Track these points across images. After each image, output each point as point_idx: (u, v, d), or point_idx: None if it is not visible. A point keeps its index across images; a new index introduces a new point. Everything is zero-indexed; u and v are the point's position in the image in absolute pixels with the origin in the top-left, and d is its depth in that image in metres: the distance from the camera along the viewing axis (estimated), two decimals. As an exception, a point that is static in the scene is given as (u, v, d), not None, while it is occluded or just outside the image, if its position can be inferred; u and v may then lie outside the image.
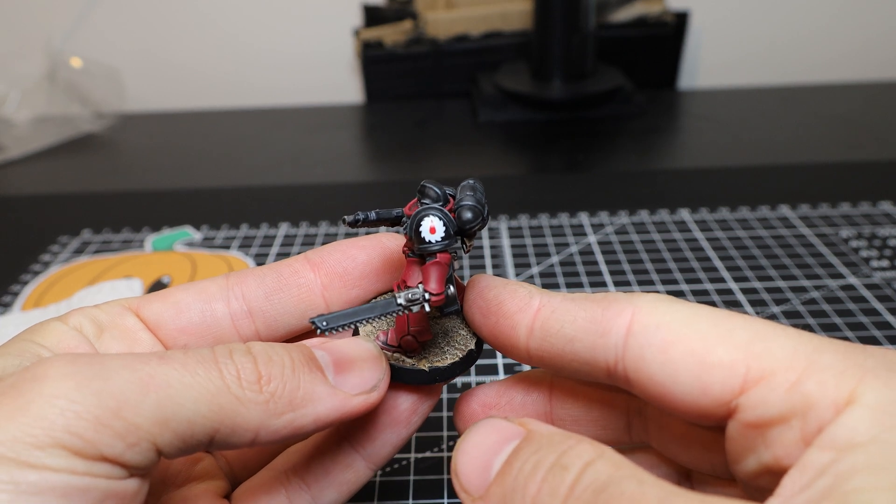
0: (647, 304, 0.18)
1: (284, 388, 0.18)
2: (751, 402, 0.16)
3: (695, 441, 0.20)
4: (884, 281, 0.43)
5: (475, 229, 0.19)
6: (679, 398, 0.17)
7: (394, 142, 0.73)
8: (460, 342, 0.22)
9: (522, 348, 0.20)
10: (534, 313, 0.19)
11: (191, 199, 0.60)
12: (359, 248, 0.23)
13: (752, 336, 0.16)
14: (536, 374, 0.23)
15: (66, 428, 0.15)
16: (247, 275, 0.23)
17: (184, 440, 0.16)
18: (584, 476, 0.16)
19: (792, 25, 0.87)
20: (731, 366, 0.16)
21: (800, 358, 0.16)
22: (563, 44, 0.73)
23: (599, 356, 0.18)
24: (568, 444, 0.17)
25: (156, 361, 0.17)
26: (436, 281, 0.19)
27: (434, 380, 0.22)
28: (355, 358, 0.20)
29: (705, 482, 0.21)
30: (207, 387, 0.17)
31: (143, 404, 0.16)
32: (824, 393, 0.15)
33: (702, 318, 0.17)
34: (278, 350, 0.19)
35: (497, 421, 0.19)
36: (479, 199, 0.19)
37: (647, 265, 0.46)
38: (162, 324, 0.22)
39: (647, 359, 0.17)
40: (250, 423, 0.17)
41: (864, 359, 0.15)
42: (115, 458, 0.15)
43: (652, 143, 0.69)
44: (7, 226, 0.57)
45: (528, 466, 0.17)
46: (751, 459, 0.16)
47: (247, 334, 0.23)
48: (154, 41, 0.87)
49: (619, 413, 0.22)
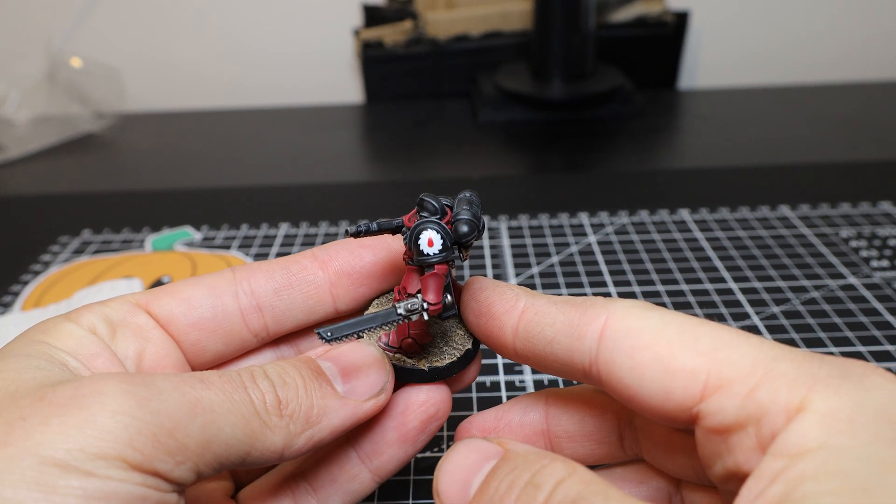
0: (622, 309, 0.18)
1: (300, 409, 0.19)
2: (711, 408, 0.16)
3: (678, 449, 0.21)
4: (884, 281, 0.43)
5: (471, 241, 0.20)
6: (647, 401, 0.17)
7: (394, 142, 0.73)
8: (458, 342, 0.23)
9: (510, 348, 0.21)
10: (518, 315, 0.20)
11: (191, 199, 0.60)
12: (366, 248, 0.24)
13: (716, 343, 0.17)
14: (532, 395, 0.24)
15: (129, 442, 0.15)
16: (255, 270, 0.23)
17: (220, 462, 0.17)
18: (555, 494, 0.16)
19: (792, 25, 0.87)
20: (693, 372, 0.16)
21: (759, 366, 0.16)
22: (563, 44, 0.73)
23: (576, 358, 0.19)
24: (542, 463, 0.17)
25: (200, 385, 0.17)
26: (433, 292, 0.20)
27: (433, 378, 0.23)
28: (360, 364, 0.21)
29: (693, 491, 0.21)
30: (242, 412, 0.18)
31: (191, 426, 0.16)
32: (776, 400, 0.15)
33: (670, 325, 0.17)
34: (290, 371, 0.20)
35: (476, 441, 0.20)
36: (476, 213, 0.20)
37: (647, 265, 0.46)
38: (173, 320, 0.22)
39: (616, 363, 0.18)
40: (276, 445, 0.18)
41: (818, 367, 0.16)
42: (164, 474, 0.16)
43: (652, 143, 0.69)
44: (7, 226, 0.57)
45: (503, 486, 0.17)
46: (718, 464, 0.17)
47: (256, 329, 0.23)
48: (154, 41, 0.87)
49: (611, 426, 0.22)
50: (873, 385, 0.15)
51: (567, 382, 0.35)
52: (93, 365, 0.19)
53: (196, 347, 0.22)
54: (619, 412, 0.22)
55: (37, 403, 0.16)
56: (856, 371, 0.15)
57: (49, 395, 0.16)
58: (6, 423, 0.15)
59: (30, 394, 0.16)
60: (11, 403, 0.16)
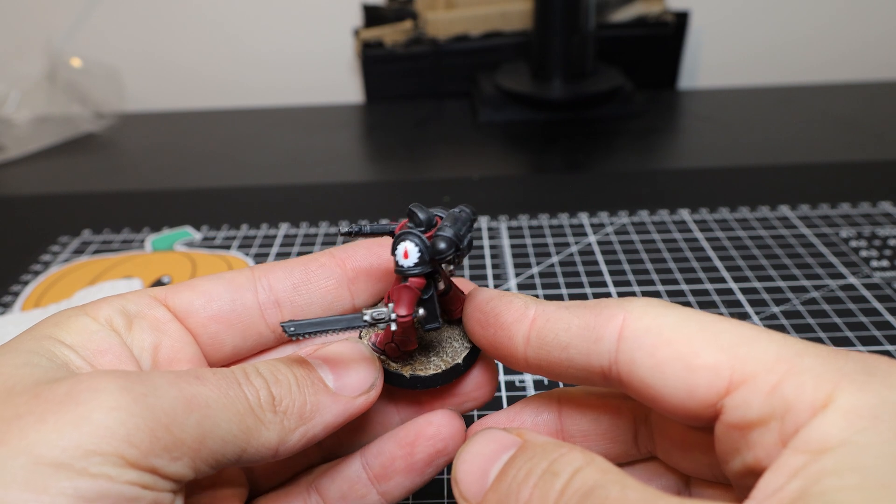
0: (638, 308, 0.18)
1: (294, 405, 0.19)
2: (734, 403, 0.16)
3: (694, 446, 0.21)
4: (884, 281, 0.43)
5: (447, 260, 0.20)
6: (669, 400, 0.17)
7: (394, 142, 0.73)
8: (450, 354, 0.23)
9: (521, 357, 0.20)
10: (530, 323, 0.20)
11: (191, 199, 0.60)
12: (383, 246, 0.24)
13: (737, 339, 0.17)
14: (544, 395, 0.23)
15: (126, 438, 0.15)
16: (273, 267, 0.24)
17: (216, 458, 0.17)
18: (572, 482, 0.16)
19: (792, 26, 0.87)
20: (716, 368, 0.16)
21: (782, 361, 0.16)
22: (563, 44, 0.73)
23: (594, 361, 0.19)
24: (560, 451, 0.17)
25: (196, 382, 0.17)
26: (404, 305, 0.20)
27: (414, 386, 0.23)
28: (349, 361, 0.21)
29: (703, 488, 0.21)
30: (238, 408, 0.18)
31: (187, 422, 0.17)
32: (802, 396, 0.15)
33: (690, 322, 0.17)
34: (282, 368, 0.20)
35: (495, 432, 0.20)
36: (458, 232, 0.20)
37: (647, 265, 0.46)
38: (192, 312, 0.22)
39: (637, 362, 0.18)
40: (271, 442, 0.19)
41: (844, 363, 0.15)
42: (161, 470, 0.16)
43: (652, 143, 0.69)
44: (7, 226, 0.57)
45: (521, 474, 0.17)
46: (736, 460, 0.17)
47: (274, 323, 0.23)
48: (154, 41, 0.87)
49: (626, 425, 0.22)
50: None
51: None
52: (99, 361, 0.19)
53: (214, 341, 0.22)
54: (634, 410, 0.22)
55: (33, 401, 0.16)
56: (882, 367, 0.15)
57: (45, 392, 0.16)
58: (1, 422, 0.15)
59: (26, 391, 0.16)
60: (7, 401, 0.16)
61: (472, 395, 0.24)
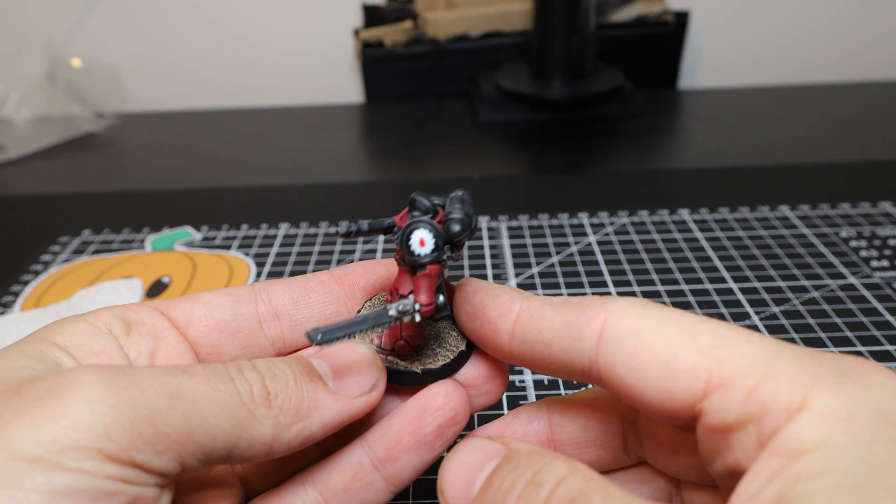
0: (620, 308, 0.18)
1: (290, 400, 0.19)
2: (712, 406, 0.16)
3: (681, 448, 0.21)
4: (884, 281, 0.43)
5: (463, 241, 0.20)
6: (648, 400, 0.17)
7: (394, 142, 0.73)
8: (452, 343, 0.23)
9: (506, 351, 0.21)
10: (514, 318, 0.20)
11: (191, 199, 0.60)
12: (381, 265, 0.25)
13: (717, 341, 0.17)
14: (534, 405, 0.24)
15: (104, 432, 0.15)
16: (273, 283, 0.24)
17: (205, 452, 0.17)
18: (556, 492, 0.16)
19: (792, 26, 0.87)
20: (694, 371, 0.16)
21: (759, 364, 0.16)
22: (563, 44, 0.73)
23: (575, 359, 0.19)
24: (544, 461, 0.17)
25: (182, 375, 0.17)
26: (425, 293, 0.20)
27: (427, 381, 0.22)
28: (351, 362, 0.21)
29: (693, 491, 0.21)
30: (228, 402, 0.18)
31: (171, 415, 0.16)
32: (778, 399, 0.15)
33: (670, 323, 0.17)
34: (279, 365, 0.20)
35: (480, 440, 0.20)
36: (468, 212, 0.20)
37: (647, 265, 0.46)
38: (194, 321, 0.22)
39: (617, 363, 0.18)
40: (265, 437, 0.18)
41: (819, 365, 0.15)
42: (143, 465, 0.16)
43: (652, 143, 0.69)
44: (7, 226, 0.57)
45: (506, 484, 0.17)
46: (718, 462, 0.17)
47: (273, 336, 0.23)
48: (154, 41, 0.87)
49: (616, 430, 0.22)
50: (874, 383, 0.15)
51: (567, 383, 0.35)
52: (92, 362, 0.19)
53: (214, 350, 0.23)
54: (623, 415, 0.22)
55: (14, 398, 0.16)
56: (856, 369, 0.15)
57: (27, 388, 0.16)
58: None
59: (9, 389, 0.16)
60: None
61: (483, 389, 0.23)
